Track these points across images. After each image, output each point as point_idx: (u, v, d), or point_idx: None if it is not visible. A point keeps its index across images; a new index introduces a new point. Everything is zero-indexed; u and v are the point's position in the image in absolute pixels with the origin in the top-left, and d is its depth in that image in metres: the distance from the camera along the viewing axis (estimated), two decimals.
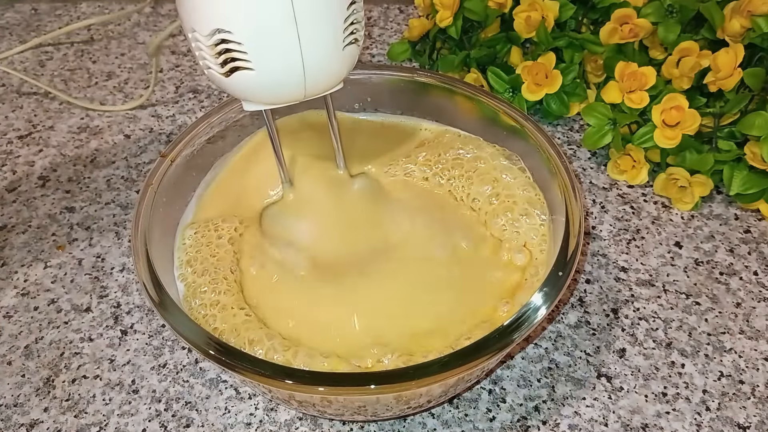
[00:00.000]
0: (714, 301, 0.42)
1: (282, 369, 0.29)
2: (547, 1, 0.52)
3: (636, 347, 0.39)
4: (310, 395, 0.30)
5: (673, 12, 0.48)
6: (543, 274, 0.33)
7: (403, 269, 0.37)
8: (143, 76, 0.62)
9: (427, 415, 0.36)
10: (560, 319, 0.41)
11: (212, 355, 0.29)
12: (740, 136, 0.45)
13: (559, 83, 0.51)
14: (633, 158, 0.48)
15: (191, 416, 0.37)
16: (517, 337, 0.29)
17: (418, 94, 0.44)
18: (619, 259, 0.44)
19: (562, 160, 0.37)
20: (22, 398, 0.38)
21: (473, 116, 0.43)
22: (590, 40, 0.51)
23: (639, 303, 0.42)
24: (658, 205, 0.48)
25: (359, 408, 0.32)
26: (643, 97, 0.47)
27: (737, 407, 0.36)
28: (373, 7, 0.71)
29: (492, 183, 0.40)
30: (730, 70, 0.44)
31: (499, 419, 0.36)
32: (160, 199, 0.37)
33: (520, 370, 0.38)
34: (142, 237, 0.34)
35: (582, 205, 0.35)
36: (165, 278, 0.33)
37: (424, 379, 0.28)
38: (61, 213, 0.49)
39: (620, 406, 0.37)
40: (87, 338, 0.41)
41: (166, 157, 0.38)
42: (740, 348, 0.39)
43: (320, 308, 0.35)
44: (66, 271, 0.45)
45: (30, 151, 0.54)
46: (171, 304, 0.31)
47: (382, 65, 0.59)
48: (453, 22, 0.54)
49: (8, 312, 0.42)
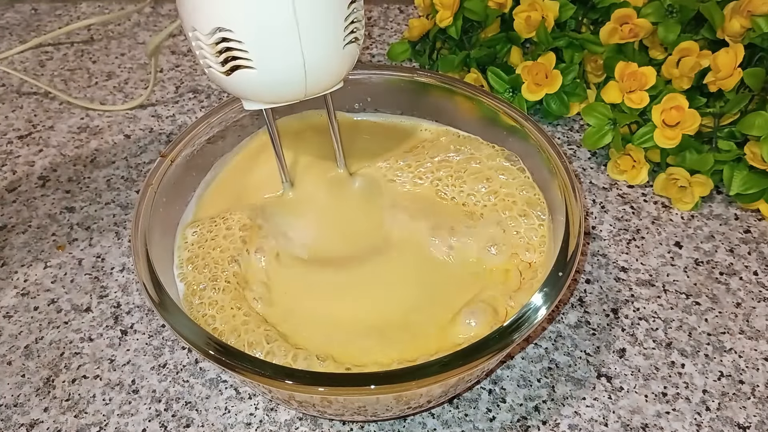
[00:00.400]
0: (714, 301, 0.42)
1: (282, 369, 0.29)
2: (547, 1, 0.52)
3: (636, 347, 0.39)
4: (310, 396, 0.30)
5: (673, 12, 0.48)
6: (543, 275, 0.33)
7: (401, 267, 0.37)
8: (143, 76, 0.62)
9: (427, 415, 0.36)
10: (560, 319, 0.41)
11: (212, 356, 0.29)
12: (740, 136, 0.45)
13: (559, 83, 0.51)
14: (633, 158, 0.48)
15: (191, 416, 0.37)
16: (517, 338, 0.29)
17: (417, 94, 0.44)
18: (619, 259, 0.44)
19: (562, 160, 0.37)
20: (22, 398, 0.38)
21: (473, 116, 0.43)
22: (590, 40, 0.51)
23: (639, 303, 0.42)
24: (658, 205, 0.48)
25: (359, 408, 0.32)
26: (643, 97, 0.47)
27: (737, 407, 0.36)
28: (373, 7, 0.71)
29: (490, 183, 0.40)
30: (730, 70, 0.44)
31: (499, 419, 0.36)
32: (160, 199, 0.37)
33: (520, 370, 0.38)
34: (142, 237, 0.34)
35: (582, 206, 0.35)
36: (165, 278, 0.33)
37: (425, 380, 0.28)
38: (61, 213, 0.49)
39: (620, 406, 0.37)
40: (87, 338, 0.41)
41: (166, 157, 0.38)
42: (740, 348, 0.39)
43: (318, 301, 0.35)
44: (66, 271, 0.45)
45: (30, 151, 0.54)
46: (171, 305, 0.31)
47: (382, 65, 0.59)
48: (453, 22, 0.54)
49: (8, 312, 0.42)
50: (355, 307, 0.35)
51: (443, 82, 0.43)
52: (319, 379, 0.29)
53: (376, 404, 0.32)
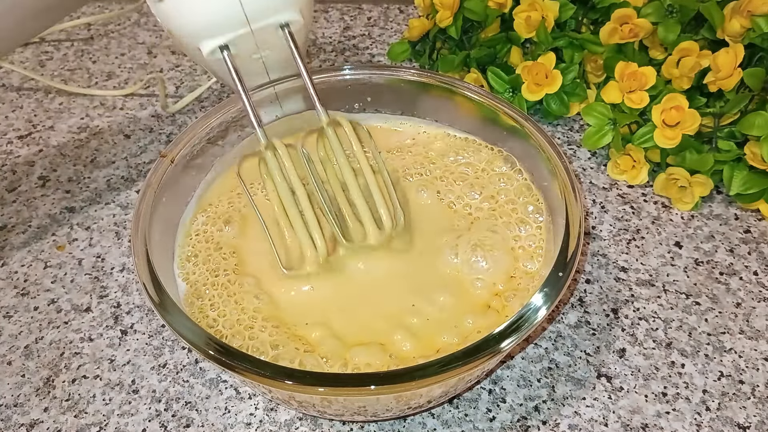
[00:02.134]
0: (714, 301, 0.42)
1: (282, 370, 0.29)
2: (547, 1, 0.52)
3: (636, 347, 0.39)
4: (310, 396, 0.30)
5: (673, 12, 0.48)
6: (543, 275, 0.33)
7: (402, 265, 0.37)
8: (143, 76, 0.62)
9: (427, 415, 0.36)
10: (560, 319, 0.41)
11: (212, 356, 0.29)
12: (740, 136, 0.45)
13: (559, 83, 0.51)
14: (633, 158, 0.48)
15: (191, 416, 0.37)
16: (517, 338, 0.29)
17: (418, 94, 0.44)
18: (619, 259, 0.44)
19: (562, 160, 0.37)
20: (22, 398, 0.38)
21: (472, 116, 0.43)
22: (590, 40, 0.51)
23: (639, 303, 0.42)
24: (658, 205, 0.48)
25: (359, 408, 0.32)
26: (643, 97, 0.47)
27: (737, 407, 0.36)
28: (373, 7, 0.71)
29: (489, 185, 0.40)
30: (730, 70, 0.44)
31: (499, 419, 0.36)
32: (159, 199, 0.37)
33: (520, 370, 0.38)
34: (142, 237, 0.34)
35: (582, 206, 0.35)
36: (165, 278, 0.33)
37: (425, 380, 0.28)
38: (61, 213, 0.49)
39: (620, 406, 0.37)
40: (87, 338, 0.41)
41: (165, 157, 0.38)
42: (740, 348, 0.39)
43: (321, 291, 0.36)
44: (66, 271, 0.45)
45: (30, 151, 0.54)
46: (171, 305, 0.31)
47: (382, 65, 0.59)
48: (453, 22, 0.54)
49: (8, 312, 0.42)
50: (359, 301, 0.36)
51: (443, 82, 0.43)
52: (319, 379, 0.29)
53: (376, 404, 0.32)
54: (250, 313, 0.35)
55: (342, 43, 0.66)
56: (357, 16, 0.70)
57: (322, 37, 0.67)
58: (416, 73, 0.44)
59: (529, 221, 0.39)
